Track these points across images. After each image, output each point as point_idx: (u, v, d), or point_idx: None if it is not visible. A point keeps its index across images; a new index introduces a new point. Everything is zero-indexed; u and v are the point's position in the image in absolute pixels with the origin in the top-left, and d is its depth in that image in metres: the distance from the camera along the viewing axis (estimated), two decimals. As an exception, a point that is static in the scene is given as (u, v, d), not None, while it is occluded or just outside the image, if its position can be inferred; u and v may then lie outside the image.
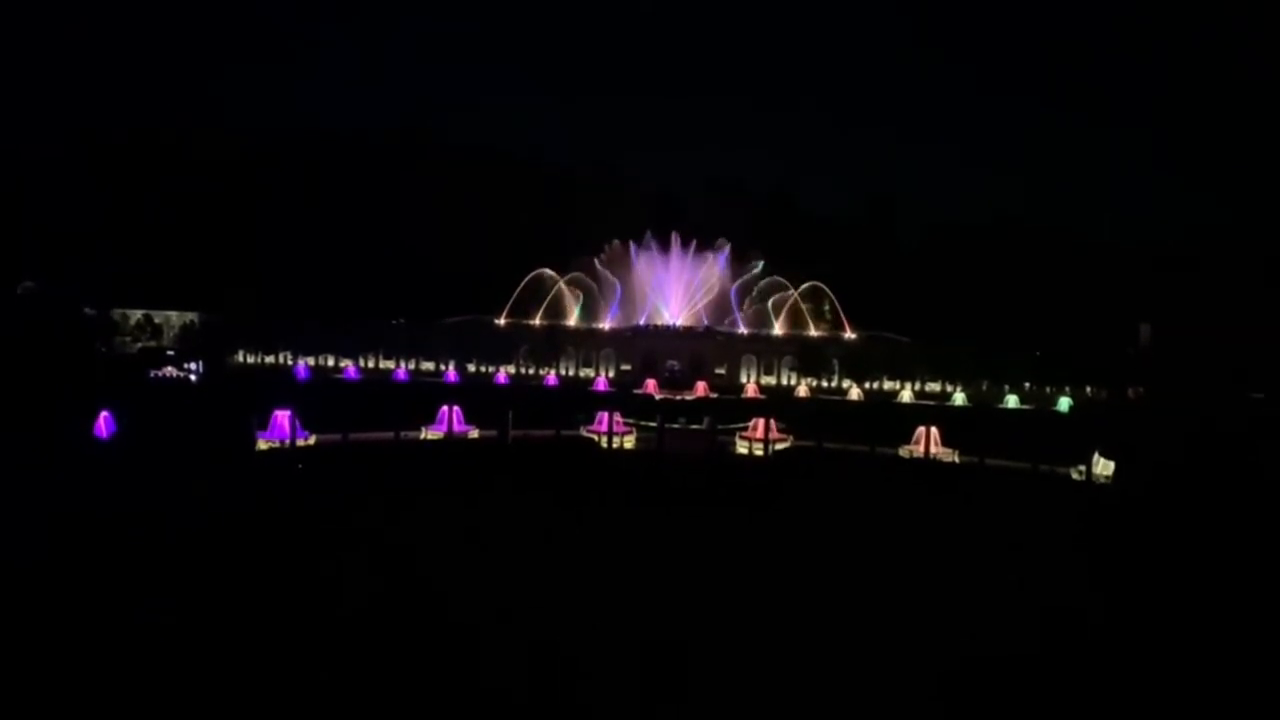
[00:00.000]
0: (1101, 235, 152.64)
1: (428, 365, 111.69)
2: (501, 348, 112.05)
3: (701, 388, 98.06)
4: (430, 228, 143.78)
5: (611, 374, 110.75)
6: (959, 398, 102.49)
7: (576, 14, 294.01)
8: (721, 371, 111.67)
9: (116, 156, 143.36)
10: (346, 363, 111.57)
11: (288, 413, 64.91)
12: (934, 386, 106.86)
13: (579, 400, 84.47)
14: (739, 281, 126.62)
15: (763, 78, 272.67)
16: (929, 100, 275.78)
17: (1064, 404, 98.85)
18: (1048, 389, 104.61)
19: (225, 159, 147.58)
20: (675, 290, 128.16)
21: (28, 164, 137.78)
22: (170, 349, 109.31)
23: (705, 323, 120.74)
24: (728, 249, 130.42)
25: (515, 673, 26.56)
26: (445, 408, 71.44)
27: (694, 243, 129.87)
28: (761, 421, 72.38)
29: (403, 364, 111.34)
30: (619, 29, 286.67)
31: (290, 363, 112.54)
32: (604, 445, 70.54)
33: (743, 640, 29.72)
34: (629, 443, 72.42)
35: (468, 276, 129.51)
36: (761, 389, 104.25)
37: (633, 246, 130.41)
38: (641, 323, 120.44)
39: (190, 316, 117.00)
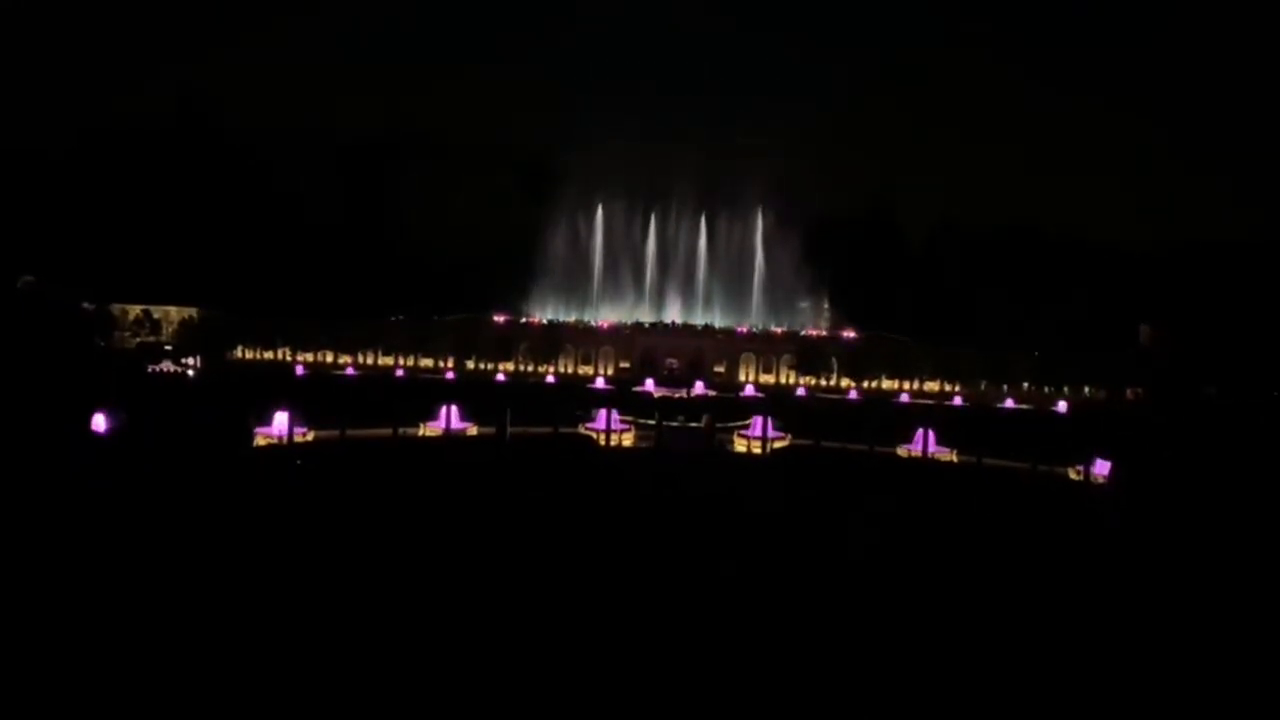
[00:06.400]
0: (1105, 236, 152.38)
1: (427, 362, 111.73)
2: (500, 345, 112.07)
3: (700, 386, 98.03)
4: (429, 223, 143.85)
5: (610, 372, 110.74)
6: (957, 399, 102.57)
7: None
8: (720, 370, 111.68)
9: (112, 151, 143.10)
10: (346, 359, 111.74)
11: (285, 408, 64.88)
12: (932, 386, 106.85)
13: (577, 398, 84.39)
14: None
15: (762, 78, 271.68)
16: (930, 100, 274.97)
17: (1062, 404, 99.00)
18: (1046, 389, 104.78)
19: (223, 153, 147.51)
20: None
21: (24, 159, 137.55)
22: (168, 344, 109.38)
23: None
24: None
25: (508, 674, 26.57)
26: (444, 406, 71.60)
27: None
28: (759, 420, 72.43)
29: (402, 361, 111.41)
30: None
31: (289, 359, 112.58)
32: (602, 443, 70.62)
33: (734, 642, 29.76)
34: (627, 440, 72.49)
35: (467, 273, 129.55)
36: (759, 387, 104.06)
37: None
38: (641, 320, 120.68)
39: (189, 311, 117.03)
